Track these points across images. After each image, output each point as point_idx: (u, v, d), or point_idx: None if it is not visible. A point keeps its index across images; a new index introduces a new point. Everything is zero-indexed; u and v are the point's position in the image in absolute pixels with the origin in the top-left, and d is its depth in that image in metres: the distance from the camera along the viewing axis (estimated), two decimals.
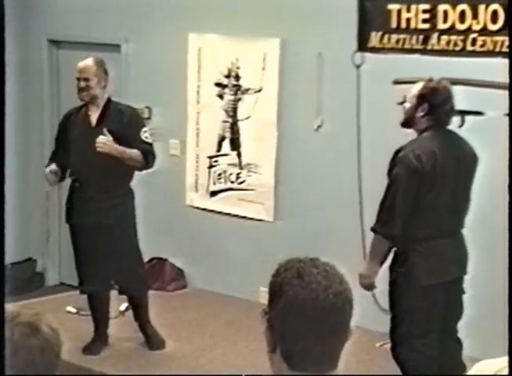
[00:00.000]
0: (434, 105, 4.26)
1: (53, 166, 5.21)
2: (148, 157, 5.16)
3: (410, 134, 4.82)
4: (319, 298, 1.65)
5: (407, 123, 4.39)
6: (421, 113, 4.29)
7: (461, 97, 4.68)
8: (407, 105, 4.36)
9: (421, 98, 4.29)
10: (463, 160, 4.34)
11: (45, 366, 1.63)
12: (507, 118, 4.15)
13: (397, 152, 4.30)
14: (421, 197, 4.19)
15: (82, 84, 5.16)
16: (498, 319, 4.34)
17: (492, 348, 4.28)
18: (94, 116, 5.22)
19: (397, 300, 4.36)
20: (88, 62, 5.21)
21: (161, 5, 6.65)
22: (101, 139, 5.04)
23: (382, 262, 4.34)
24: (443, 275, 4.34)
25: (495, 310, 4.76)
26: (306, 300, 1.66)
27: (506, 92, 4.22)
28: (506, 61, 4.50)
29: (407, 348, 4.34)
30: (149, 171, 5.34)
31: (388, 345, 5.00)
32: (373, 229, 4.31)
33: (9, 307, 1.74)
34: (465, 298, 4.51)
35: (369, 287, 4.39)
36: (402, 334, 4.35)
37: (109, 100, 5.25)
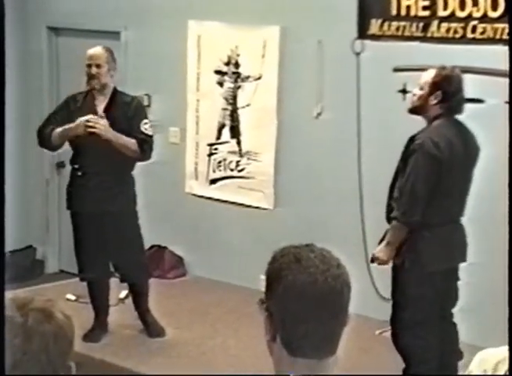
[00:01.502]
0: (447, 93, 4.27)
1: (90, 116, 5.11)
2: (144, 147, 5.13)
3: (410, 121, 4.82)
4: (318, 281, 1.66)
5: (417, 110, 4.39)
6: (434, 101, 4.29)
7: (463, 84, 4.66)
8: (419, 92, 4.35)
9: (435, 85, 4.28)
10: (470, 150, 4.38)
11: (58, 353, 1.64)
12: (507, 106, 4.14)
13: (411, 139, 4.30)
14: (438, 184, 4.21)
15: (94, 70, 5.12)
16: (494, 306, 4.36)
17: (488, 334, 4.32)
18: (101, 105, 5.20)
19: (400, 286, 4.37)
20: (99, 49, 5.19)
21: None
22: (93, 118, 5.00)
23: (398, 248, 4.34)
24: (448, 262, 4.38)
25: (492, 297, 4.78)
26: (305, 284, 1.66)
27: (507, 80, 4.22)
28: (506, 48, 4.48)
29: (408, 335, 4.35)
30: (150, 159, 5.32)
31: (388, 333, 5.01)
32: (394, 217, 4.30)
33: (21, 293, 1.74)
34: (461, 285, 4.52)
35: (380, 264, 4.42)
36: (404, 321, 4.36)
37: (115, 90, 5.24)
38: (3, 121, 1.81)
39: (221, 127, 6.46)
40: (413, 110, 4.42)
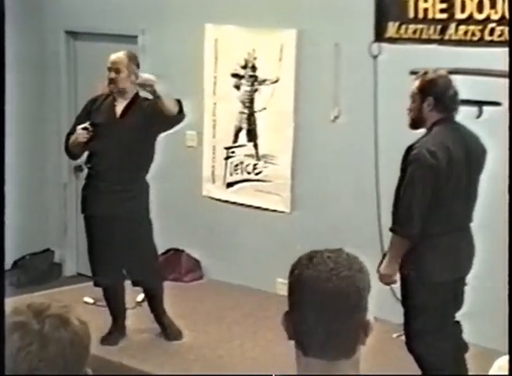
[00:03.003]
0: (438, 95, 4.20)
1: (85, 124, 5.15)
2: (181, 106, 5.07)
3: None
4: (320, 277, 1.67)
5: (416, 123, 4.32)
6: (428, 108, 4.22)
7: (478, 87, 4.66)
8: (412, 105, 4.28)
9: (423, 92, 4.22)
10: (473, 153, 4.28)
11: (74, 359, 1.64)
12: None
13: (408, 149, 4.23)
14: (437, 194, 4.15)
15: (112, 75, 5.15)
16: (497, 307, 4.33)
17: (492, 336, 4.28)
18: (120, 107, 5.22)
19: (409, 295, 4.33)
20: (121, 54, 5.22)
21: None
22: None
23: (400, 260, 4.29)
24: (455, 272, 4.31)
25: (497, 299, 4.75)
26: (308, 279, 1.68)
27: None
28: None
29: (422, 343, 4.32)
30: (166, 162, 5.32)
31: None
32: (392, 230, 4.25)
33: (37, 298, 1.74)
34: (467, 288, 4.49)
35: (390, 283, 4.37)
36: (416, 330, 4.33)
37: (137, 94, 5.25)
38: (3, 121, 1.81)
39: (238, 130, 6.46)
40: (413, 125, 4.34)
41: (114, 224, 5.16)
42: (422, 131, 4.38)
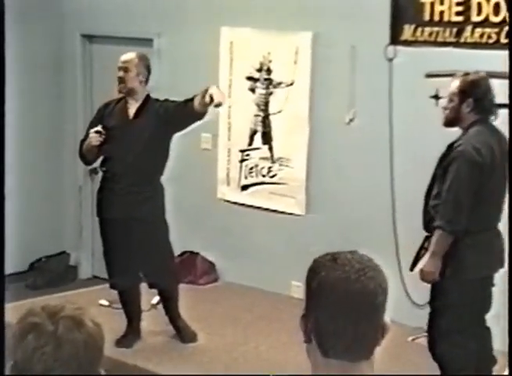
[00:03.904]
0: (478, 98, 4.24)
1: (97, 127, 5.16)
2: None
3: (443, 126, 4.78)
4: (350, 278, 1.67)
5: (452, 122, 4.36)
6: (467, 109, 4.26)
7: (495, 90, 4.63)
8: (449, 104, 4.32)
9: (464, 94, 4.26)
10: (506, 154, 4.32)
11: (88, 361, 1.65)
12: None
13: (450, 146, 4.27)
14: (479, 191, 4.18)
15: (121, 74, 5.17)
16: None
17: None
18: (132, 109, 5.24)
19: (440, 293, 4.34)
20: (131, 54, 5.24)
21: None
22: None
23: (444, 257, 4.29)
24: (489, 269, 4.35)
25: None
26: (337, 280, 1.68)
27: None
28: None
29: (446, 343, 4.32)
30: (181, 164, 5.32)
31: (420, 340, 4.99)
32: (438, 226, 4.25)
33: (51, 300, 1.75)
34: (495, 291, 4.48)
35: (432, 281, 4.36)
36: (442, 328, 4.33)
37: (148, 96, 5.27)
38: (3, 122, 1.83)
39: (253, 133, 6.47)
40: (448, 123, 4.39)
41: (131, 226, 5.17)
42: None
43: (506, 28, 5.11)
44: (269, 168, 6.40)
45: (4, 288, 1.78)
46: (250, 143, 6.50)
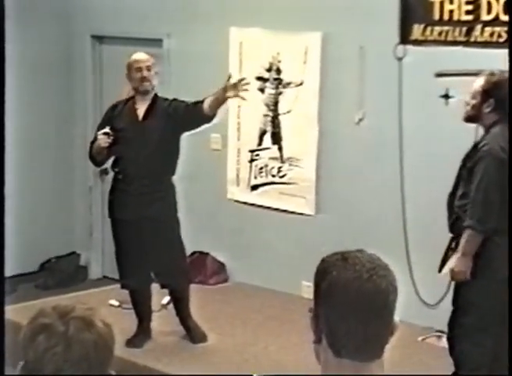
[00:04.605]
0: (500, 99, 4.23)
1: (105, 129, 5.17)
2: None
3: (453, 125, 4.78)
4: (362, 278, 1.67)
5: (472, 119, 4.38)
6: (488, 109, 4.27)
7: None
8: (471, 101, 4.32)
9: (486, 94, 4.26)
10: None
11: (98, 361, 1.65)
12: None
13: (475, 146, 4.28)
14: (506, 189, 4.16)
15: (145, 73, 5.17)
16: None
17: None
18: (141, 110, 5.25)
19: (466, 292, 4.34)
20: (143, 54, 5.26)
21: None
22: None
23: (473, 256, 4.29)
24: None
25: None
26: (349, 280, 1.67)
27: None
28: None
29: (467, 341, 4.32)
30: (191, 165, 5.33)
31: (431, 339, 4.97)
32: (468, 226, 4.25)
33: (62, 301, 1.76)
34: None
35: (462, 280, 4.35)
36: (465, 327, 4.33)
37: (156, 96, 5.28)
38: (3, 122, 1.83)
39: (263, 133, 6.46)
40: (468, 119, 4.41)
41: (143, 226, 5.18)
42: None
43: None
44: (279, 168, 6.40)
45: (4, 288, 1.79)
46: (260, 143, 6.50)
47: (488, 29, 5.21)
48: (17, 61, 7.08)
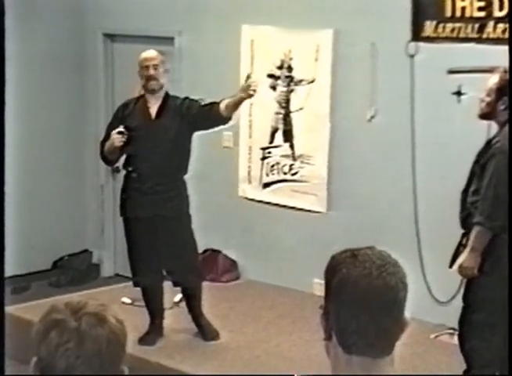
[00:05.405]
0: None
1: (120, 128, 5.16)
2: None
3: (465, 123, 4.76)
4: (372, 275, 1.67)
5: (487, 116, 4.38)
6: (502, 107, 4.26)
7: None
8: (486, 98, 4.32)
9: (500, 91, 4.26)
10: None
11: (111, 357, 1.65)
12: None
13: (488, 143, 4.28)
14: None
15: (152, 71, 5.17)
16: None
17: None
18: (153, 108, 5.25)
19: (476, 288, 4.34)
20: (153, 51, 5.26)
21: None
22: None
23: (482, 253, 4.29)
24: None
25: None
26: (359, 277, 1.68)
27: None
28: None
29: (477, 337, 4.32)
30: (203, 162, 5.33)
31: (443, 337, 4.96)
32: (477, 222, 4.26)
33: (74, 297, 1.76)
34: None
35: (470, 276, 4.36)
36: (475, 323, 4.33)
37: (167, 94, 5.29)
38: (3, 122, 1.83)
39: (274, 131, 6.46)
40: (483, 116, 4.41)
41: (156, 224, 5.19)
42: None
43: None
44: (291, 165, 6.40)
45: (4, 289, 1.79)
46: (271, 141, 6.50)
47: (500, 25, 5.20)
48: (29, 59, 7.11)
